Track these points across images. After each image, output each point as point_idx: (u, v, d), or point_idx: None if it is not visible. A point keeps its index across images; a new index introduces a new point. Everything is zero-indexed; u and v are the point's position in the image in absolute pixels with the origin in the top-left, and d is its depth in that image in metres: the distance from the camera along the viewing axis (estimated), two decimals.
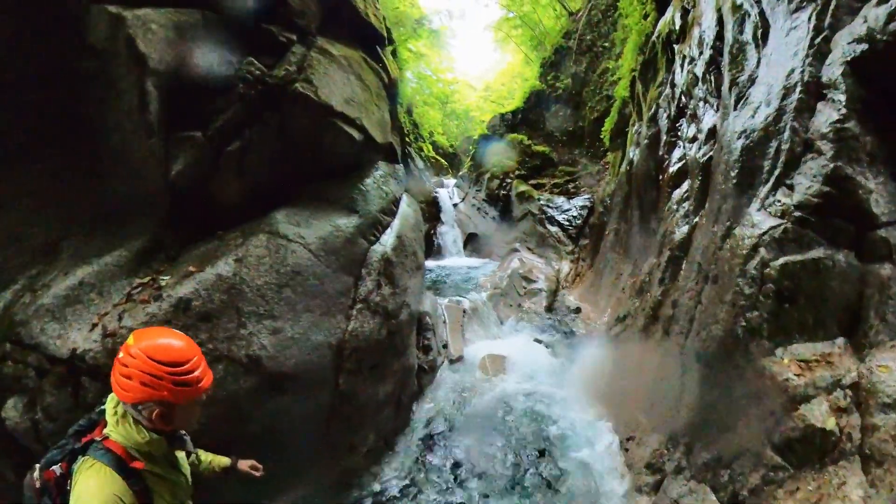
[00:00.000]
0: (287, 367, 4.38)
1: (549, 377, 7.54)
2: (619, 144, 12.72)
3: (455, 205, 18.19)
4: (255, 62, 5.39)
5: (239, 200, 5.30)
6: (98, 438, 1.84)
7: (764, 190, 4.17)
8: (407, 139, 18.39)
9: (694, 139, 6.89)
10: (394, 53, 19.90)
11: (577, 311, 10.22)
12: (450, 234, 17.14)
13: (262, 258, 4.65)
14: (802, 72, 4.20)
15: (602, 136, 14.36)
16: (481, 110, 29.68)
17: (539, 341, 8.83)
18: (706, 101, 6.72)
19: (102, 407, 1.97)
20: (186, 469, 2.24)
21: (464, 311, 8.90)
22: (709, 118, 6.41)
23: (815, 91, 4.12)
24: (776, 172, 4.13)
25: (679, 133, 7.88)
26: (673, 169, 7.32)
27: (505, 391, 7.13)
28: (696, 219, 5.73)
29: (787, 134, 4.15)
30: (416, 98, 25.62)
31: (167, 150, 4.86)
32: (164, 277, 4.59)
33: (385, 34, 9.03)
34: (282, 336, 4.47)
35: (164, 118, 4.75)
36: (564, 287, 12.26)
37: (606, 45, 19.54)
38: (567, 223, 13.72)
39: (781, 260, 3.69)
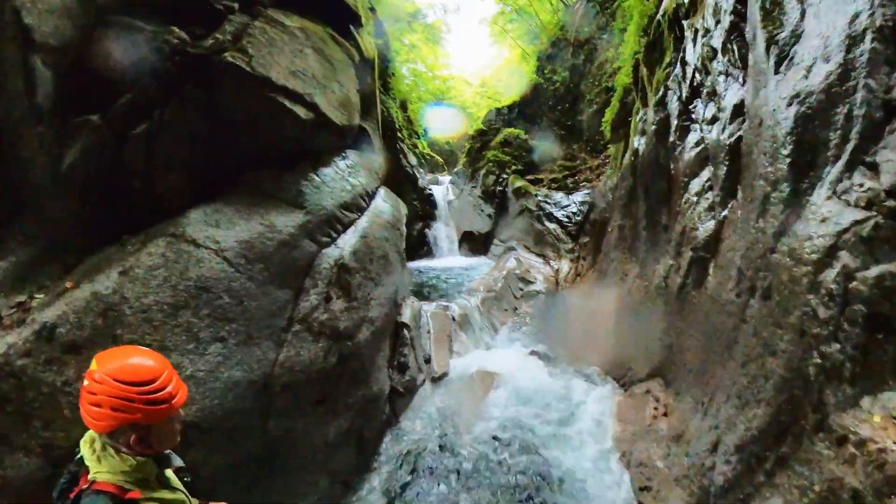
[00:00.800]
0: (187, 417, 3.18)
1: (548, 400, 6.37)
2: (621, 135, 11.50)
3: (450, 202, 16.99)
4: (176, 31, 4.24)
5: (154, 196, 4.14)
6: (85, 486, 1.68)
7: (833, 171, 2.96)
8: (400, 134, 17.21)
9: (714, 120, 5.72)
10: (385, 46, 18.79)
11: None
12: (444, 233, 15.96)
13: (155, 270, 3.52)
14: (872, 14, 3.03)
15: (602, 128, 13.12)
16: (478, 106, 28.45)
17: (536, 353, 7.63)
18: (727, 75, 5.53)
19: (79, 455, 1.78)
20: (181, 486, 2.00)
21: (452, 320, 7.75)
22: (733, 93, 5.22)
23: (893, 37, 2.94)
24: (849, 146, 2.92)
25: (694, 115, 6.69)
26: (688, 156, 6.12)
27: (495, 417, 5.97)
28: (725, 212, 4.52)
29: (859, 95, 2.95)
30: (411, 94, 24.49)
31: (61, 140, 3.80)
32: (39, 296, 3.44)
33: (360, 14, 7.88)
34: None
35: (59, 103, 3.79)
36: (564, 288, 11.06)
37: (605, 36, 18.42)
38: (566, 220, 12.50)
39: (875, 270, 2.48)
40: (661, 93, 8.14)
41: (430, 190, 16.86)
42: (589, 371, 7.02)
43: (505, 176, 15.44)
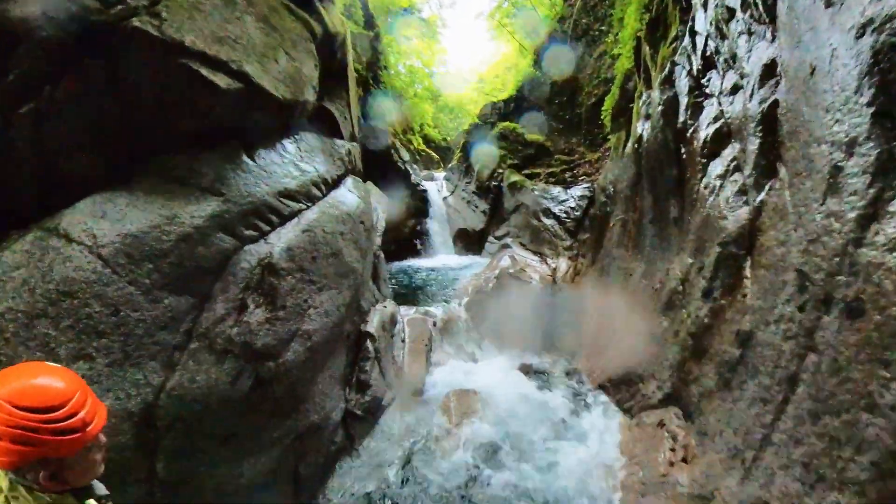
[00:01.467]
0: None
1: (539, 427, 5.21)
2: (622, 124, 10.49)
3: (444, 199, 15.99)
4: None
5: (51, 185, 3.18)
6: None
7: None
8: (393, 130, 16.24)
9: (735, 89, 4.77)
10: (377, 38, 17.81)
11: None
12: (437, 231, 14.97)
13: (15, 270, 2.62)
14: None
15: (602, 118, 12.13)
16: (475, 103, 27.43)
17: (528, 369, 6.49)
18: (750, 34, 4.59)
19: None
20: None
21: (433, 326, 6.75)
22: (760, 53, 4.26)
23: None
24: None
25: (708, 89, 5.72)
26: (705, 134, 5.12)
27: (473, 446, 4.85)
28: (762, 195, 3.52)
29: None
30: (406, 91, 23.51)
31: None
32: None
33: None
34: None
35: None
36: (561, 288, 10.05)
37: (603, 28, 17.49)
38: (564, 215, 11.47)
39: None
40: (666, 70, 7.15)
41: (424, 186, 15.84)
42: (587, 388, 5.98)
43: (500, 170, 14.43)
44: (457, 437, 4.92)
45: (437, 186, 16.53)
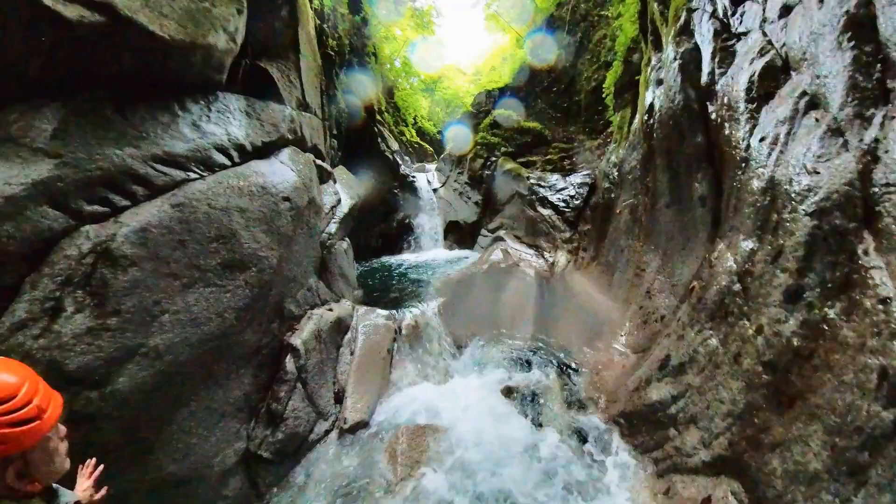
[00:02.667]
0: None
1: (523, 487, 3.49)
2: (626, 100, 9.11)
3: (435, 190, 14.59)
4: None
5: None
6: None
7: None
8: (380, 117, 14.83)
9: (788, 9, 3.42)
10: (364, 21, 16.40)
11: None
12: (427, 224, 13.57)
13: None
14: None
15: (604, 96, 10.72)
16: (471, 95, 26.00)
17: (513, 391, 4.79)
18: None
19: None
20: None
21: (398, 333, 5.39)
22: None
23: None
24: None
25: (741, 26, 4.37)
26: (749, 74, 3.74)
27: None
28: (874, 132, 2.14)
29: None
30: (398, 81, 22.11)
31: None
32: None
33: None
34: None
35: None
36: (558, 281, 8.67)
37: (602, 13, 16.10)
38: (563, 204, 10.07)
39: None
40: (682, 21, 5.79)
41: (414, 177, 14.46)
42: (595, 423, 4.33)
43: (494, 159, 13.05)
44: (400, 497, 3.38)
45: (428, 178, 15.13)
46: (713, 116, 4.71)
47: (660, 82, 6.73)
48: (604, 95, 10.75)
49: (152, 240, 2.82)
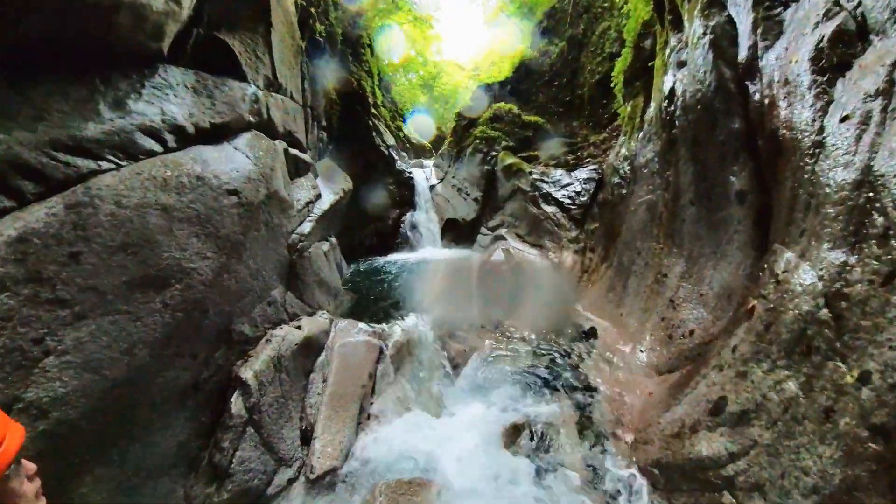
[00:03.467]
0: None
1: None
2: (638, 89, 8.30)
3: (432, 187, 13.77)
4: None
5: None
6: None
7: None
8: (374, 111, 13.98)
9: None
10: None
11: (591, 334, 5.82)
12: (424, 221, 12.75)
13: None
14: None
15: (613, 85, 9.91)
16: (470, 91, 25.18)
17: (518, 431, 3.80)
18: None
19: None
20: None
21: (381, 353, 4.47)
22: None
23: None
24: None
25: None
26: (814, 42, 2.94)
27: None
28: None
29: None
30: (395, 77, 21.27)
31: None
32: None
33: None
34: None
35: None
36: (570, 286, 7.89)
37: (606, 4, 15.32)
38: (568, 201, 9.27)
39: None
40: None
41: (410, 173, 13.63)
42: (620, 469, 3.42)
43: (494, 153, 12.23)
44: None
45: (425, 174, 14.30)
46: (756, 97, 3.91)
47: (682, 64, 5.93)
48: (612, 85, 9.93)
49: (33, 254, 2.05)
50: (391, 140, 14.41)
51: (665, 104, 6.13)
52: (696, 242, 5.06)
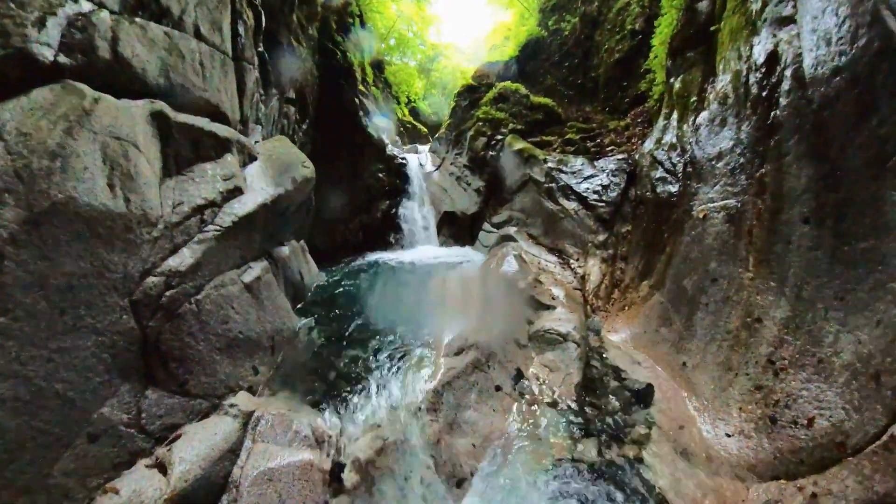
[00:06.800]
0: None
1: None
2: (692, 59, 6.41)
3: (427, 174, 11.84)
4: None
5: None
6: None
7: None
8: (362, 87, 11.91)
9: None
10: None
11: (646, 396, 3.97)
12: (418, 214, 10.86)
13: None
14: None
15: (654, 57, 7.97)
16: (468, 74, 23.15)
17: None
18: None
19: None
20: None
21: (331, 484, 2.45)
22: None
23: None
24: None
25: None
26: None
27: None
28: None
29: None
30: (389, 56, 19.11)
31: None
32: None
33: None
34: None
35: None
36: (595, 308, 6.09)
37: None
38: (594, 196, 7.39)
39: None
40: None
41: (403, 158, 11.67)
42: None
43: (500, 137, 10.29)
44: None
45: (419, 160, 12.34)
46: None
47: (785, 21, 4.09)
48: (653, 57, 7.98)
49: None
50: (381, 122, 12.38)
51: (758, 76, 4.27)
52: (810, 278, 3.26)
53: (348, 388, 3.36)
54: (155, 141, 3.23)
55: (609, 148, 8.90)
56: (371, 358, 3.81)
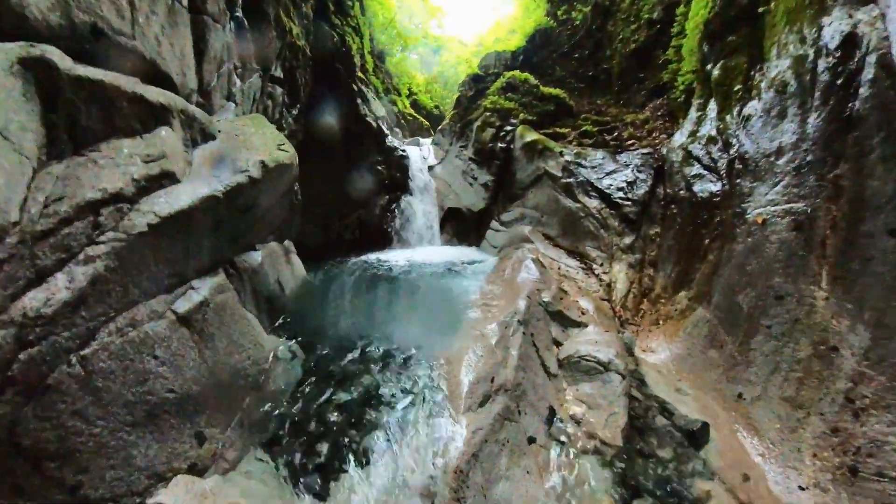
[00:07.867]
0: None
1: None
2: (732, 46, 5.75)
3: (430, 168, 11.13)
4: None
5: None
6: None
7: None
8: (361, 75, 11.14)
9: None
10: None
11: (701, 437, 3.32)
12: (420, 211, 10.14)
13: None
14: None
15: (687, 39, 7.24)
16: (471, 65, 22.39)
17: None
18: None
19: None
20: None
21: None
22: None
23: None
24: None
25: None
26: None
27: None
28: None
29: None
30: (390, 48, 18.33)
31: None
32: None
33: None
34: None
35: None
36: (624, 321, 5.44)
37: None
38: (619, 194, 6.70)
39: None
40: None
41: (404, 151, 10.94)
42: None
43: (510, 128, 9.58)
44: None
45: (422, 153, 11.60)
46: None
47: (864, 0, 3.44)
48: (680, 44, 7.28)
49: None
50: (381, 111, 11.63)
51: (829, 62, 3.60)
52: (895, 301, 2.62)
53: (337, 456, 2.66)
54: (29, 103, 2.25)
55: (629, 142, 8.22)
56: (367, 408, 3.08)
